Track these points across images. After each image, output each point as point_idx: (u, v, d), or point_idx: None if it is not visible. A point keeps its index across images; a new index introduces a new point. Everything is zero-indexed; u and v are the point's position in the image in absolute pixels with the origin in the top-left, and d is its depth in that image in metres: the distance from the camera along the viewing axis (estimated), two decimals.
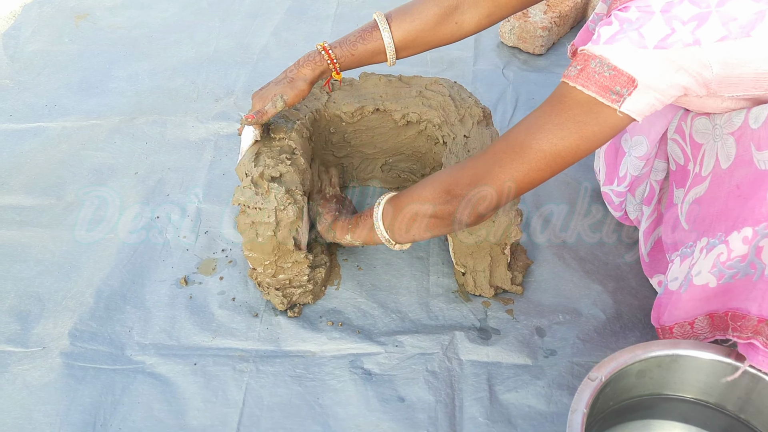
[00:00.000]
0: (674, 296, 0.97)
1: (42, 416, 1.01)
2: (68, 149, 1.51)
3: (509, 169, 0.88)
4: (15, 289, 1.19)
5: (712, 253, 0.89)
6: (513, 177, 0.89)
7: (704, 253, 0.91)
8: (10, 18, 2.00)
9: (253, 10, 2.03)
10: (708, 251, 0.90)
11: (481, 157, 0.93)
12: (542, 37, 1.77)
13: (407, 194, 1.01)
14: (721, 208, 0.91)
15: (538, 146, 0.86)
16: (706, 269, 0.90)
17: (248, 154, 1.14)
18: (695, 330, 0.97)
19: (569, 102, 0.85)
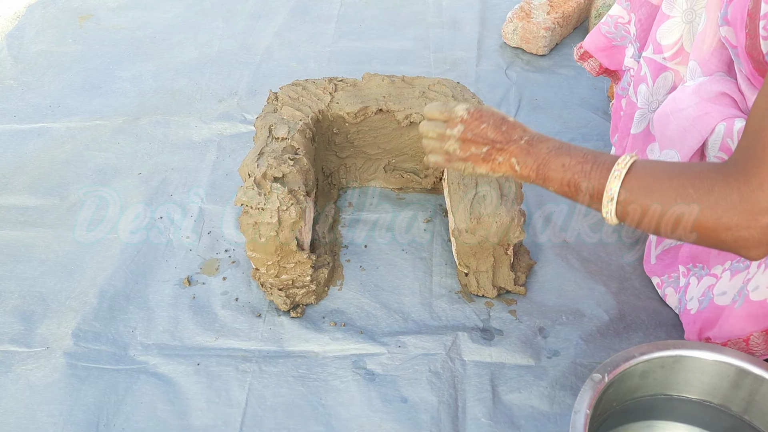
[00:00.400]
0: (726, 311, 0.95)
1: (45, 416, 1.01)
2: (72, 149, 1.51)
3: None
4: (19, 289, 1.20)
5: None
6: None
7: (762, 267, 0.89)
8: (14, 19, 2.01)
9: (256, 11, 2.03)
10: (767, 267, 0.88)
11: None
12: (545, 37, 1.77)
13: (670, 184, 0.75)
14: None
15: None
16: (765, 284, 0.88)
17: (250, 155, 1.14)
18: (750, 347, 0.95)
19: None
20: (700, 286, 1.03)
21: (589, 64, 1.36)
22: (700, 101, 0.96)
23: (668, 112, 1.01)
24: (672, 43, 1.08)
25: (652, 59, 1.12)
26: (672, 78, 1.11)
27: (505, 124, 0.88)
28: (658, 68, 1.12)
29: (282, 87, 1.32)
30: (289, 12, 2.02)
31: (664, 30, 1.08)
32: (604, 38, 1.31)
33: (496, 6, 2.04)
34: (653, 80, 1.13)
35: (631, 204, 0.77)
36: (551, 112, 1.62)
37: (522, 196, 1.15)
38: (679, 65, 1.09)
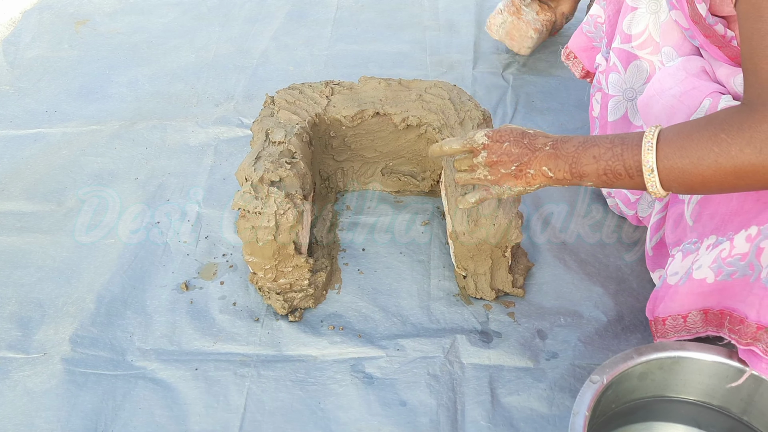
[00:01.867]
0: (672, 289, 0.97)
1: (43, 422, 1.01)
2: (68, 155, 1.51)
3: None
4: (16, 296, 1.19)
5: (716, 249, 0.89)
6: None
7: (710, 249, 0.91)
8: (10, 24, 2.01)
9: (252, 15, 2.03)
10: (714, 248, 0.90)
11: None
12: (532, 38, 1.75)
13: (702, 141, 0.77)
14: (736, 209, 0.89)
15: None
16: (707, 264, 0.90)
17: (247, 159, 1.14)
18: (687, 324, 0.98)
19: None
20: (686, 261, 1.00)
21: (574, 65, 1.38)
22: (687, 76, 0.97)
23: (653, 94, 1.02)
24: (640, 32, 1.11)
25: (620, 49, 1.14)
26: (647, 68, 1.13)
27: (526, 137, 0.90)
28: (628, 57, 1.14)
29: (279, 91, 1.32)
30: (285, 16, 2.02)
31: (630, 21, 1.11)
32: (585, 38, 1.33)
33: (492, 9, 2.04)
34: (624, 68, 1.15)
35: (672, 169, 0.78)
36: (548, 115, 1.63)
37: (519, 198, 1.15)
38: (651, 55, 1.11)
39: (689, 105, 0.96)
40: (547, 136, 0.90)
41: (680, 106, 0.97)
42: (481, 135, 0.92)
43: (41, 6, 2.08)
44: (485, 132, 0.92)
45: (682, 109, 0.97)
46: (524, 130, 0.92)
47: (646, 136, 0.80)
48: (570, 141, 0.87)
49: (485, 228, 1.09)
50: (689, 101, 0.96)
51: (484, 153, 0.91)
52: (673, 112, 0.98)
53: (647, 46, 1.11)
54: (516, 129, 0.92)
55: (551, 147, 0.87)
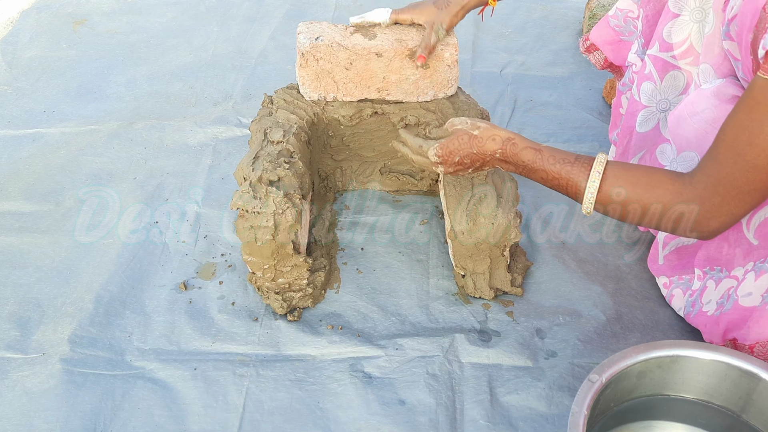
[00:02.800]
0: (756, 312, 0.95)
1: (42, 423, 1.01)
2: (67, 155, 1.51)
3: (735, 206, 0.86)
4: (14, 296, 1.19)
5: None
6: (736, 213, 0.87)
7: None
8: (8, 24, 2.00)
9: (250, 15, 2.03)
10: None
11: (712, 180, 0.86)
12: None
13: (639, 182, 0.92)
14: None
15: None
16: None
17: (246, 159, 1.14)
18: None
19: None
20: (719, 289, 1.03)
21: (594, 57, 1.34)
22: (719, 103, 0.97)
23: (685, 116, 1.01)
24: (681, 41, 1.09)
25: (658, 57, 1.11)
26: (684, 78, 1.10)
27: (474, 145, 1.00)
28: (665, 66, 1.11)
29: (277, 90, 1.31)
30: (283, 15, 2.02)
31: (672, 28, 1.08)
32: (612, 31, 1.29)
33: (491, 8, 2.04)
34: (660, 78, 1.12)
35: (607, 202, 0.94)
36: (546, 113, 1.63)
37: (518, 198, 1.15)
38: (691, 65, 1.09)
39: None
40: (494, 139, 0.99)
41: (713, 131, 0.96)
42: (432, 154, 1.02)
43: (39, 6, 2.07)
44: (435, 151, 1.01)
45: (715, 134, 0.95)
46: (471, 135, 1.00)
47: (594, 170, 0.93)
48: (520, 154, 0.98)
49: (484, 227, 1.09)
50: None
51: (441, 168, 1.03)
52: (705, 136, 0.98)
53: (688, 55, 1.08)
54: (463, 136, 1.00)
55: (500, 155, 0.99)
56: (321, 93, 1.26)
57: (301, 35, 1.22)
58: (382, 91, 1.25)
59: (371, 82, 1.24)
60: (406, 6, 1.23)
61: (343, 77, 1.23)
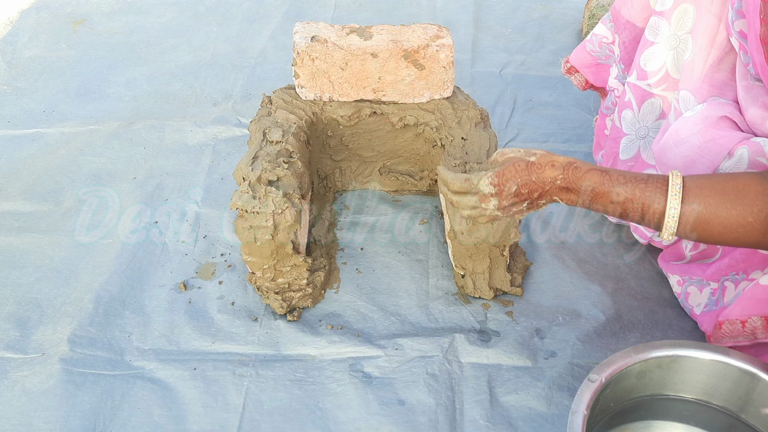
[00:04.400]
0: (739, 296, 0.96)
1: (41, 423, 1.01)
2: (66, 155, 1.51)
3: None
4: (14, 296, 1.19)
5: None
6: None
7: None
8: (7, 24, 2.00)
9: (250, 15, 2.03)
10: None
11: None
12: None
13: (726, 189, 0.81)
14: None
15: None
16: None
17: (245, 159, 1.14)
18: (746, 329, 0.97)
19: None
20: (739, 290, 1.03)
21: (576, 79, 1.36)
22: (703, 128, 0.95)
23: (671, 145, 0.99)
24: (656, 69, 1.09)
25: (636, 85, 1.12)
26: (660, 105, 1.11)
27: (533, 172, 0.88)
28: (642, 94, 1.13)
29: (276, 91, 1.31)
30: (283, 15, 2.02)
31: (648, 56, 1.09)
32: (589, 56, 1.31)
33: (491, 8, 2.04)
34: (638, 106, 1.14)
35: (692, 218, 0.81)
36: (546, 113, 1.63)
37: None
38: (666, 91, 1.10)
39: (710, 158, 0.94)
40: (554, 165, 0.87)
41: (700, 159, 0.95)
42: (486, 184, 0.89)
43: (39, 5, 2.07)
44: (489, 180, 0.89)
45: (703, 162, 0.95)
46: (527, 162, 0.88)
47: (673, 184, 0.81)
48: (585, 177, 0.86)
49: (484, 228, 1.09)
50: (710, 154, 0.94)
51: (494, 201, 0.90)
52: (693, 163, 0.96)
53: (663, 82, 1.09)
54: (519, 163, 0.88)
55: (562, 181, 0.87)
56: (317, 93, 1.26)
57: (297, 35, 1.22)
58: (378, 91, 1.25)
59: (366, 82, 1.24)
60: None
61: (338, 77, 1.23)
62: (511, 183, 0.88)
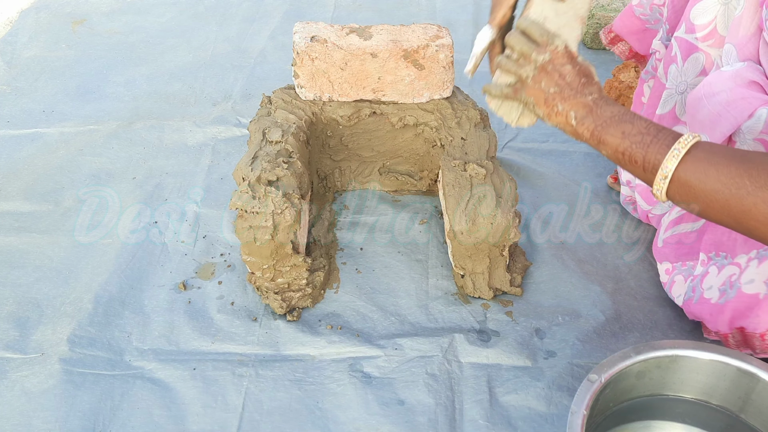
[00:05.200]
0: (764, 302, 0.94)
1: (41, 423, 1.01)
2: (66, 155, 1.51)
3: None
4: (13, 296, 1.19)
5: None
6: None
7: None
8: (6, 24, 2.00)
9: (250, 15, 2.03)
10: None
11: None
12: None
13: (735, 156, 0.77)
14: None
15: None
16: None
17: (244, 159, 1.14)
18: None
19: None
20: (721, 275, 1.02)
21: (619, 48, 1.32)
22: (734, 86, 0.95)
23: (701, 96, 0.99)
24: (706, 23, 1.06)
25: (683, 39, 1.09)
26: (703, 60, 1.08)
27: (585, 77, 0.89)
28: (689, 48, 1.09)
29: (275, 90, 1.31)
30: (282, 15, 2.02)
31: (699, 9, 1.06)
32: (637, 21, 1.27)
33: (489, 7, 2.04)
34: (683, 60, 1.10)
35: (684, 185, 0.78)
36: None
37: (517, 198, 1.15)
38: (711, 47, 1.07)
39: (735, 115, 0.94)
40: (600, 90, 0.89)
41: (726, 114, 0.95)
42: (561, 41, 0.91)
43: (38, 5, 2.07)
44: (565, 43, 0.91)
45: (728, 118, 0.95)
46: (592, 74, 0.91)
47: (679, 143, 0.79)
48: (611, 107, 0.87)
49: (483, 228, 1.09)
50: (735, 111, 0.94)
51: (547, 56, 0.90)
52: (719, 119, 0.96)
53: (710, 38, 1.06)
54: (587, 68, 0.91)
55: (592, 100, 0.88)
56: (317, 93, 1.26)
57: (296, 35, 1.22)
58: (378, 91, 1.25)
59: (366, 82, 1.24)
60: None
61: (338, 77, 1.23)
62: (572, 62, 0.90)
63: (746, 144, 0.95)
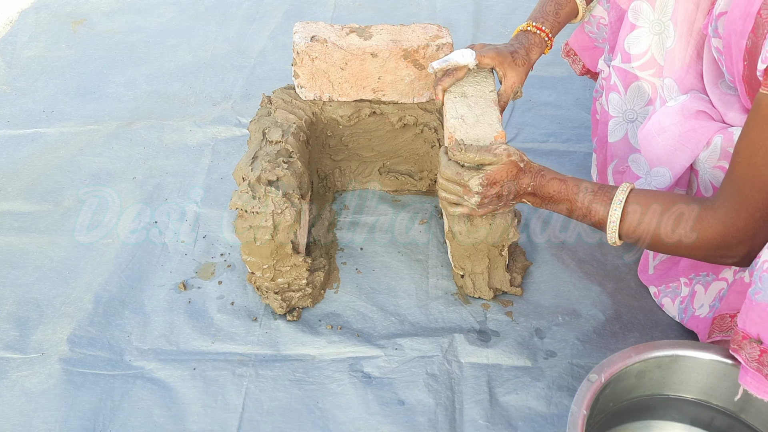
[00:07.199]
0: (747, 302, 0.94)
1: (41, 423, 1.00)
2: (66, 155, 1.51)
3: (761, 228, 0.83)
4: (14, 296, 1.19)
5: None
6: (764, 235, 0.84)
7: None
8: (7, 24, 2.00)
9: (250, 14, 2.03)
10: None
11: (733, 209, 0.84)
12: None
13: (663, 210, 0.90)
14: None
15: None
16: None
17: (245, 159, 1.14)
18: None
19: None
20: (710, 292, 1.03)
21: (574, 62, 1.36)
22: (684, 120, 0.99)
23: (653, 133, 1.02)
24: (641, 53, 1.09)
25: (620, 68, 1.12)
26: (648, 88, 1.11)
27: (519, 177, 0.98)
28: (628, 77, 1.12)
29: (275, 90, 1.31)
30: (282, 15, 2.02)
31: (632, 39, 1.09)
32: (587, 37, 1.30)
33: (490, 8, 2.04)
34: (625, 89, 1.13)
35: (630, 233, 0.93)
36: (545, 113, 1.63)
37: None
38: (654, 77, 1.10)
39: (691, 147, 0.98)
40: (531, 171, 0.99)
41: (681, 147, 0.99)
42: (476, 183, 0.97)
43: (38, 5, 2.07)
44: (480, 181, 0.97)
45: (684, 151, 0.98)
46: (519, 167, 0.98)
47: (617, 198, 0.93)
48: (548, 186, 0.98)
49: (483, 228, 1.09)
50: (690, 143, 0.98)
51: (476, 198, 0.98)
52: (675, 153, 0.99)
53: (649, 67, 1.09)
54: (512, 168, 0.97)
55: (532, 188, 0.99)
56: (317, 92, 1.26)
57: (296, 35, 1.22)
58: (378, 91, 1.25)
59: (366, 82, 1.24)
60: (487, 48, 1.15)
61: (338, 77, 1.23)
62: (498, 186, 0.98)
63: (707, 173, 0.98)
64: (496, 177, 0.97)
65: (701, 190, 1.00)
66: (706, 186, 0.99)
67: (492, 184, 0.97)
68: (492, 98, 1.11)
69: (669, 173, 1.02)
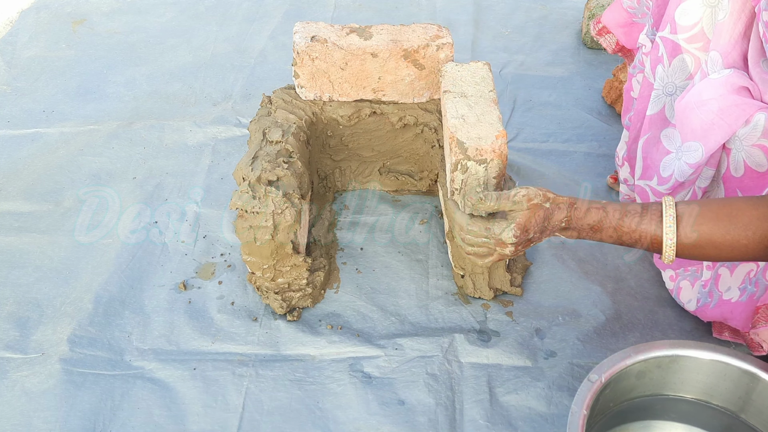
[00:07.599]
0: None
1: (41, 422, 1.01)
2: (66, 155, 1.50)
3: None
4: (14, 296, 1.19)
5: None
6: None
7: None
8: (7, 24, 2.00)
9: (250, 15, 2.03)
10: None
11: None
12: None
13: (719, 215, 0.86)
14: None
15: None
16: None
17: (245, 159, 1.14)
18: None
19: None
20: (737, 275, 1.01)
21: (606, 40, 1.31)
22: (726, 94, 0.95)
23: (692, 105, 0.99)
24: (690, 24, 1.05)
25: (668, 39, 1.08)
26: (691, 63, 1.07)
27: (547, 218, 0.93)
28: (674, 48, 1.08)
29: (275, 90, 1.31)
30: (283, 15, 2.02)
31: (683, 10, 1.04)
32: (625, 13, 1.26)
33: (490, 8, 2.04)
34: (669, 61, 1.09)
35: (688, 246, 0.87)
36: (546, 113, 1.63)
37: None
38: (700, 51, 1.06)
39: (729, 122, 0.95)
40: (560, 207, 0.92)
41: (719, 122, 0.95)
42: (510, 236, 0.92)
43: (38, 5, 2.07)
44: (513, 232, 0.92)
45: (722, 126, 0.95)
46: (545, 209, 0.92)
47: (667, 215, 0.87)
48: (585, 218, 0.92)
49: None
50: (730, 118, 0.95)
51: (511, 248, 0.94)
52: (711, 128, 0.96)
53: (697, 40, 1.04)
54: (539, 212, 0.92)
55: (566, 223, 0.93)
56: (317, 92, 1.26)
57: (297, 35, 1.22)
58: (378, 91, 1.25)
59: (366, 82, 1.24)
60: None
61: (338, 77, 1.23)
62: (530, 231, 0.92)
63: (743, 151, 0.95)
64: (527, 224, 0.92)
65: (731, 169, 0.97)
66: (738, 165, 0.96)
67: (524, 232, 0.92)
68: (492, 98, 1.11)
69: (702, 148, 0.99)
